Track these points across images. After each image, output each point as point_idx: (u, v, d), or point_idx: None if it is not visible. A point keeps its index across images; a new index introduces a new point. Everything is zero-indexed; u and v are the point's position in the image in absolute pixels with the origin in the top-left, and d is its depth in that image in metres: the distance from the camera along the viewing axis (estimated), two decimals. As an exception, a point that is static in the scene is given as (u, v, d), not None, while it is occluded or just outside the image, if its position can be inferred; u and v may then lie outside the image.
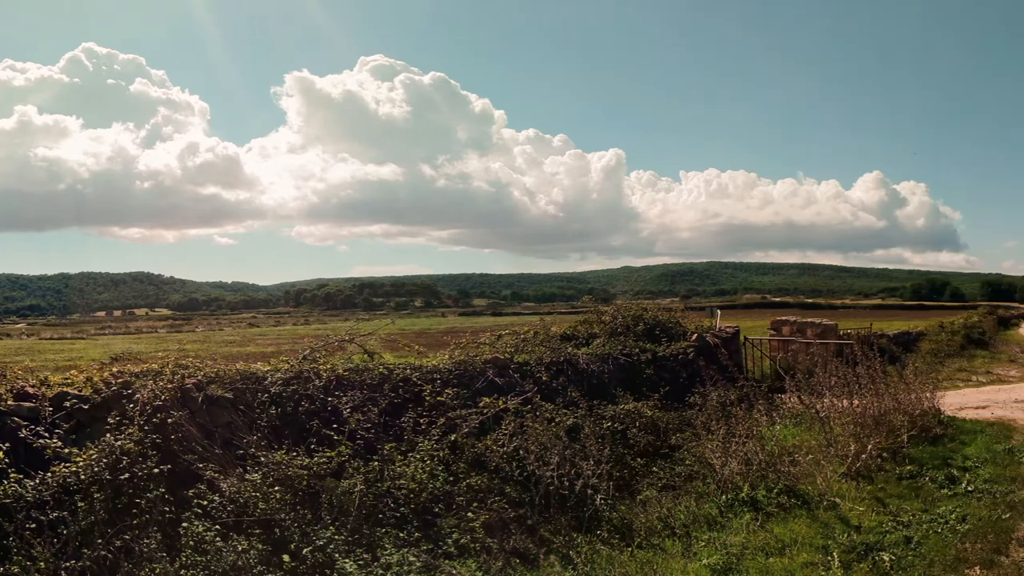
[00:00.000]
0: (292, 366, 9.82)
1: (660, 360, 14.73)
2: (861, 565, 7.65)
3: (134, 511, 6.89)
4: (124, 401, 7.99)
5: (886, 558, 7.74)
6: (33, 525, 6.43)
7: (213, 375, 9.06)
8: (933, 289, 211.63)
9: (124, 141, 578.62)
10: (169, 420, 7.87)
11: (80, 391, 8.13)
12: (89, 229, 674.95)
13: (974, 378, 24.87)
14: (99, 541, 6.53)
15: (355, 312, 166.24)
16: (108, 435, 7.36)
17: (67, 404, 7.83)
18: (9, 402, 7.62)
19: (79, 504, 6.73)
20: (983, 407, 17.48)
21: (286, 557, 6.80)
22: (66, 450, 7.16)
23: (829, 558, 7.80)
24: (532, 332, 14.61)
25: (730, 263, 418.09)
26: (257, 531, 7.02)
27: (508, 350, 12.84)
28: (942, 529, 8.66)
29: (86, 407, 7.90)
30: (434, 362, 11.33)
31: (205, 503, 7.22)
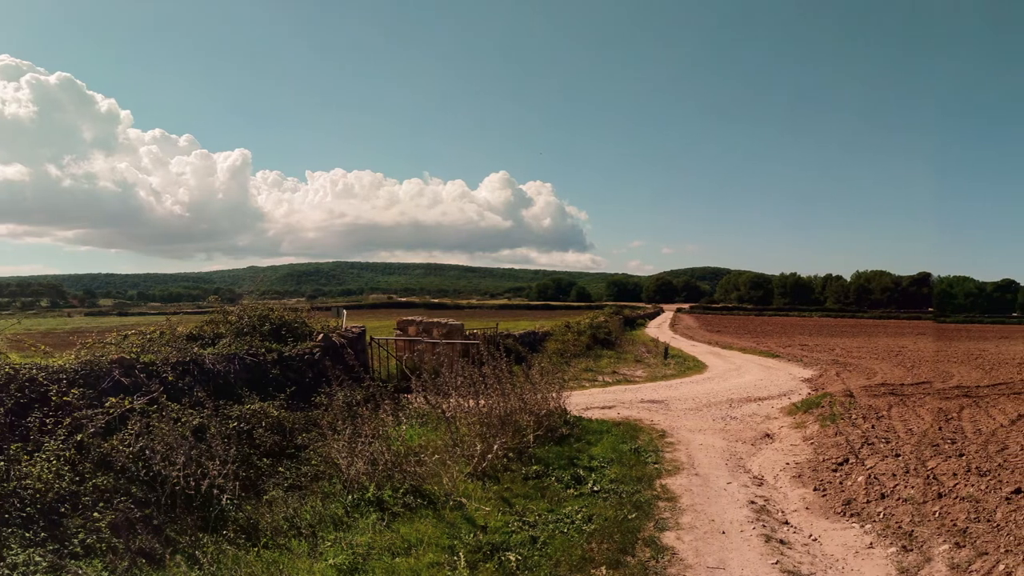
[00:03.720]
0: (-84, 367, 9.82)
1: (286, 360, 15.12)
2: (487, 565, 8.05)
3: None
4: None
5: (512, 558, 8.22)
6: None
7: None
8: (559, 289, 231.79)
9: None
10: None
11: None
12: None
13: (600, 378, 27.45)
14: None
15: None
16: None
17: None
18: None
19: None
20: (610, 407, 19.37)
21: None
22: None
23: (455, 558, 8.16)
24: (158, 332, 14.57)
25: (356, 263, 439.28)
26: None
27: (134, 350, 12.91)
28: (568, 529, 9.35)
29: None
30: (60, 362, 11.33)
31: None
